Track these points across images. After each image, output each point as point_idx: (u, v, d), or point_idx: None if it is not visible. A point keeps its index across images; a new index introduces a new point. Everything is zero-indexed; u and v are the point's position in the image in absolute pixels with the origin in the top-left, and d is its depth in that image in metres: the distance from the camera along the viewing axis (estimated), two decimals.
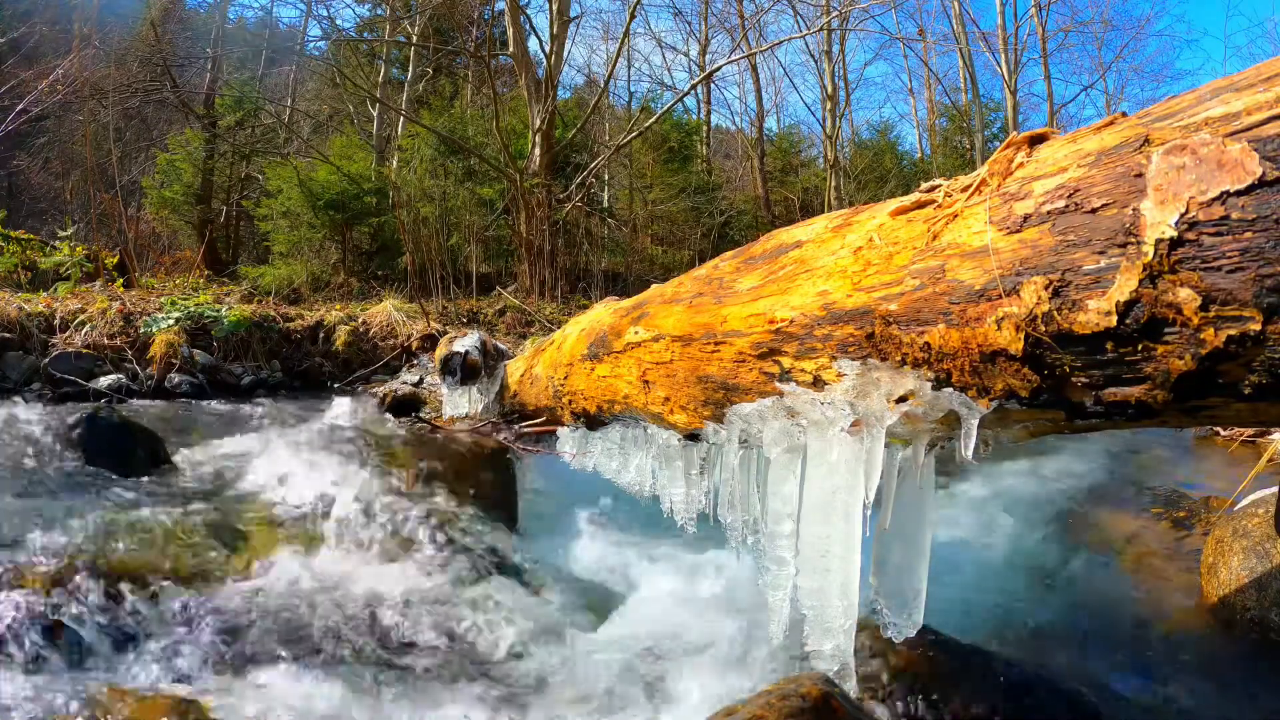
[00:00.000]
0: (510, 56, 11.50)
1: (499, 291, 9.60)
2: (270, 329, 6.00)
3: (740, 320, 1.68)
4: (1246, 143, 0.87)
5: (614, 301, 2.72)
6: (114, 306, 5.40)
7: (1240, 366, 0.93)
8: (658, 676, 1.79)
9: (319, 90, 17.52)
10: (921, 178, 13.97)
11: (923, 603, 1.47)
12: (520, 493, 3.00)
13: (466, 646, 1.96)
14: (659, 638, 2.00)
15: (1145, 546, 2.58)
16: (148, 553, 2.11)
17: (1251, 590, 1.98)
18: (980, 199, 1.22)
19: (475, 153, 11.28)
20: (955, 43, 17.42)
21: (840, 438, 1.38)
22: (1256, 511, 2.15)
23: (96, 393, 4.71)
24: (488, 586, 2.22)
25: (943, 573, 1.97)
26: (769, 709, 1.29)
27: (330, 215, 10.80)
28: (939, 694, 1.55)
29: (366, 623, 1.97)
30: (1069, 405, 1.15)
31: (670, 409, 2.01)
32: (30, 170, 15.88)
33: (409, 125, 12.60)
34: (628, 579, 2.41)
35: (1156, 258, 0.93)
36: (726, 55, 16.19)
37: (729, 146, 21.86)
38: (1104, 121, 1.12)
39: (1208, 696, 1.75)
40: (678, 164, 14.53)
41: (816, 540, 1.44)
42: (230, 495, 2.81)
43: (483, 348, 3.75)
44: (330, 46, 13.77)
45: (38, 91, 10.51)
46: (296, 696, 1.67)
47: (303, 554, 2.34)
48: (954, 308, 1.20)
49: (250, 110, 13.30)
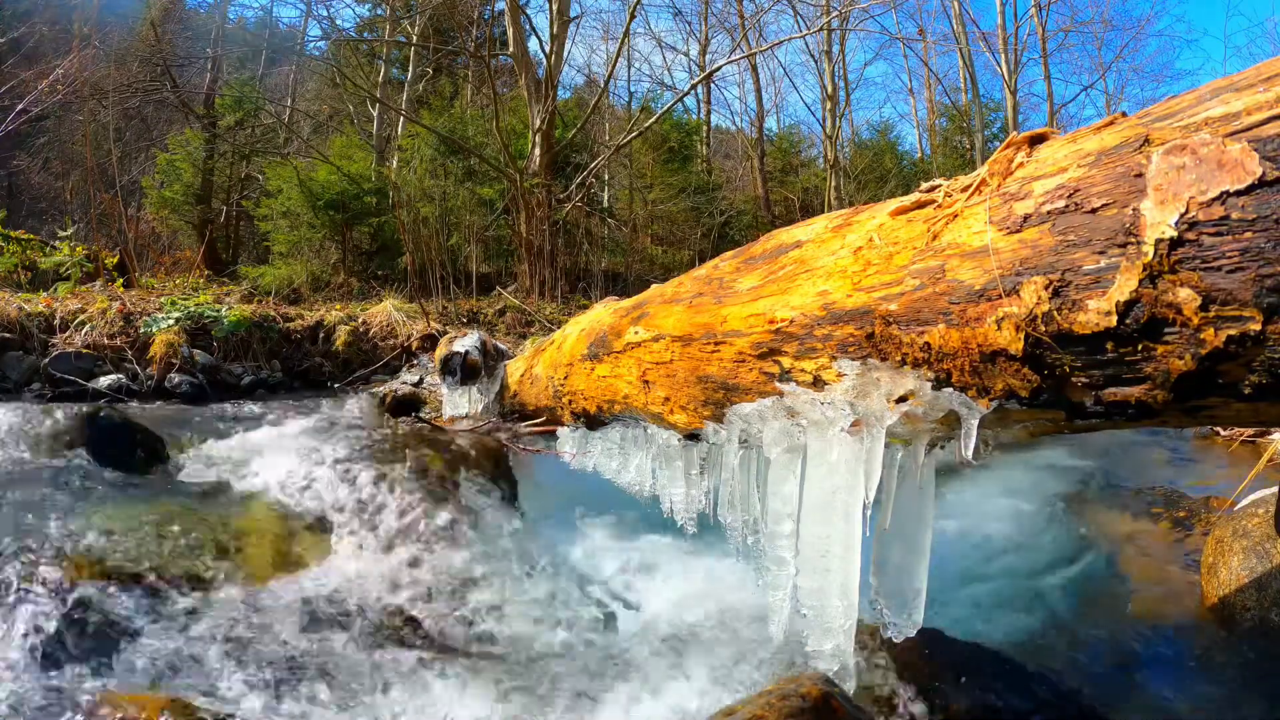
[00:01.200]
0: (510, 56, 11.51)
1: (499, 291, 9.61)
2: (270, 329, 6.00)
3: (740, 320, 1.68)
4: (1246, 143, 0.87)
5: (614, 301, 2.72)
6: (114, 306, 5.39)
7: (1240, 366, 0.93)
8: (657, 676, 1.79)
9: (319, 90, 17.52)
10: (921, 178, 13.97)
11: (923, 603, 1.47)
12: (520, 493, 3.00)
13: (465, 645, 1.96)
14: (659, 637, 2.00)
15: (1145, 546, 2.58)
16: (148, 553, 2.11)
17: (1251, 590, 1.98)
18: (980, 199, 1.22)
19: (475, 153, 11.29)
20: (955, 43, 17.42)
21: (840, 438, 1.38)
22: (1256, 511, 2.15)
23: (96, 393, 4.71)
24: (486, 586, 2.22)
25: (943, 573, 1.97)
26: (769, 709, 1.28)
27: (330, 215, 10.80)
28: (939, 694, 1.55)
29: (366, 621, 1.97)
30: (1069, 405, 1.15)
31: (670, 409, 2.01)
32: (30, 170, 15.87)
33: (409, 125, 12.60)
34: (627, 579, 2.41)
35: (1156, 258, 0.93)
36: (726, 55, 16.19)
37: (729, 146, 21.85)
38: (1104, 121, 1.12)
39: (1208, 696, 1.75)
40: (678, 164, 14.53)
41: (816, 540, 1.44)
42: (230, 495, 2.81)
43: (483, 348, 3.75)
44: (330, 46, 13.77)
45: (38, 91, 10.51)
46: (297, 695, 1.67)
47: (303, 554, 2.34)
48: (954, 308, 1.20)
49: (250, 110, 13.30)
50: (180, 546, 2.20)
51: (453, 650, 1.93)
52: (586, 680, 1.81)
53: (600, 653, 1.94)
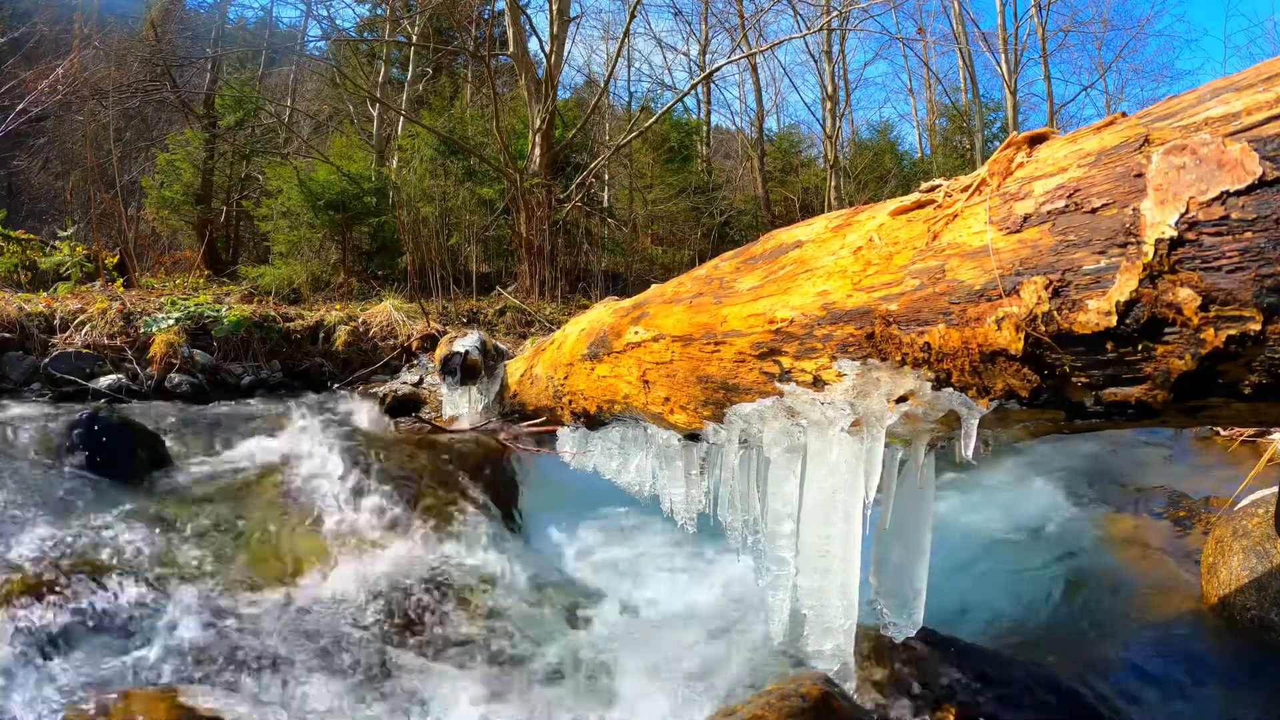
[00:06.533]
0: (510, 56, 11.50)
1: (499, 291, 9.60)
2: (270, 329, 6.00)
3: (740, 320, 1.68)
4: (1246, 143, 0.87)
5: (614, 301, 2.72)
6: (114, 306, 5.39)
7: (1240, 366, 0.93)
8: (657, 676, 1.79)
9: (319, 90, 17.51)
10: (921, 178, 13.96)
11: (923, 603, 1.47)
12: (520, 493, 3.00)
13: (465, 644, 1.96)
14: (659, 637, 2.00)
15: (1145, 546, 2.58)
16: (149, 553, 2.11)
17: (1251, 590, 1.98)
18: (980, 199, 1.22)
19: (475, 153, 11.29)
20: (955, 43, 17.42)
21: (840, 438, 1.38)
22: (1256, 511, 2.15)
23: (96, 393, 4.71)
24: (486, 586, 2.22)
25: (943, 572, 1.97)
26: (769, 709, 1.28)
27: (330, 215, 10.80)
28: (939, 694, 1.55)
29: (366, 621, 1.97)
30: (1069, 405, 1.15)
31: (670, 409, 2.01)
32: (30, 170, 15.87)
33: (409, 125, 12.60)
34: (627, 579, 2.41)
35: (1156, 258, 0.93)
36: (726, 55, 16.18)
37: (729, 146, 21.84)
38: (1104, 121, 1.12)
39: (1208, 696, 1.75)
40: (678, 164, 14.54)
41: (816, 540, 1.44)
42: (231, 495, 2.81)
43: (483, 348, 3.75)
44: (330, 46, 13.77)
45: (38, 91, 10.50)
46: (297, 694, 1.67)
47: (302, 554, 2.34)
48: (954, 308, 1.20)
49: (250, 110, 13.29)
50: (179, 546, 2.20)
51: (453, 651, 1.93)
52: (587, 681, 1.81)
53: (600, 653, 1.94)
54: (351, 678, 1.75)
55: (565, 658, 1.92)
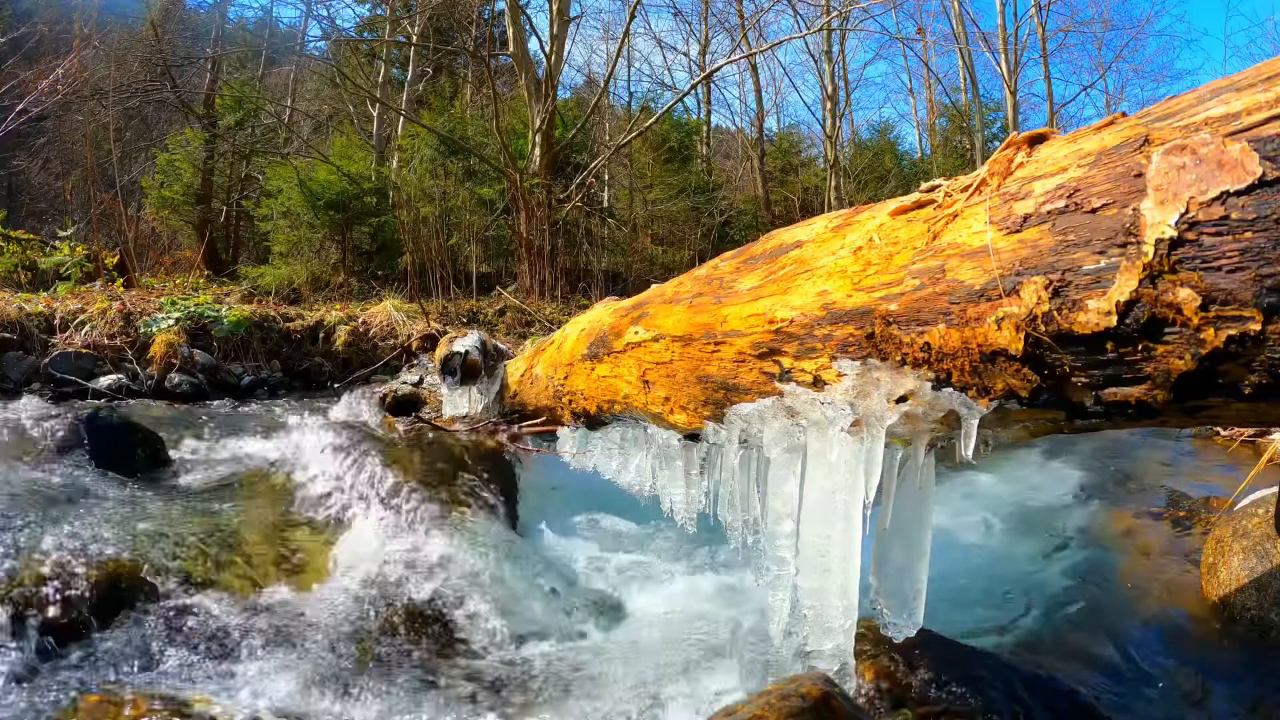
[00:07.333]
0: (510, 56, 11.51)
1: (499, 291, 9.60)
2: (270, 329, 6.00)
3: (740, 320, 1.68)
4: (1246, 143, 0.87)
5: (614, 301, 2.72)
6: (114, 306, 5.39)
7: (1240, 366, 0.93)
8: (657, 676, 1.79)
9: (319, 90, 17.52)
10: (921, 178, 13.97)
11: (923, 603, 1.47)
12: (520, 493, 3.00)
13: (466, 645, 1.96)
14: (658, 637, 2.00)
15: (1145, 546, 2.58)
16: (149, 553, 2.11)
17: (1251, 590, 1.98)
18: (980, 199, 1.22)
19: (475, 153, 11.29)
20: (955, 43, 17.44)
21: (840, 438, 1.38)
22: (1256, 511, 2.15)
23: (96, 393, 4.71)
24: (486, 586, 2.22)
25: (943, 572, 1.97)
26: (769, 709, 1.28)
27: (330, 215, 10.81)
28: (939, 694, 1.55)
29: (366, 621, 1.97)
30: (1069, 405, 1.15)
31: (670, 409, 2.01)
32: (30, 170, 15.88)
33: (409, 125, 12.61)
34: (627, 579, 2.41)
35: (1156, 258, 0.93)
36: (726, 55, 16.18)
37: (729, 146, 21.86)
38: (1104, 121, 1.12)
39: (1208, 696, 1.75)
40: (678, 164, 14.55)
41: (816, 540, 1.44)
42: (231, 495, 2.81)
43: (483, 348, 3.75)
44: (330, 46, 13.78)
45: (38, 91, 10.50)
46: (297, 695, 1.67)
47: (301, 554, 2.34)
48: (954, 308, 1.20)
49: (250, 110, 13.29)
50: (179, 546, 2.20)
51: (453, 651, 1.93)
52: (586, 681, 1.81)
53: (599, 653, 1.94)
54: (351, 678, 1.75)
55: (565, 657, 1.92)
